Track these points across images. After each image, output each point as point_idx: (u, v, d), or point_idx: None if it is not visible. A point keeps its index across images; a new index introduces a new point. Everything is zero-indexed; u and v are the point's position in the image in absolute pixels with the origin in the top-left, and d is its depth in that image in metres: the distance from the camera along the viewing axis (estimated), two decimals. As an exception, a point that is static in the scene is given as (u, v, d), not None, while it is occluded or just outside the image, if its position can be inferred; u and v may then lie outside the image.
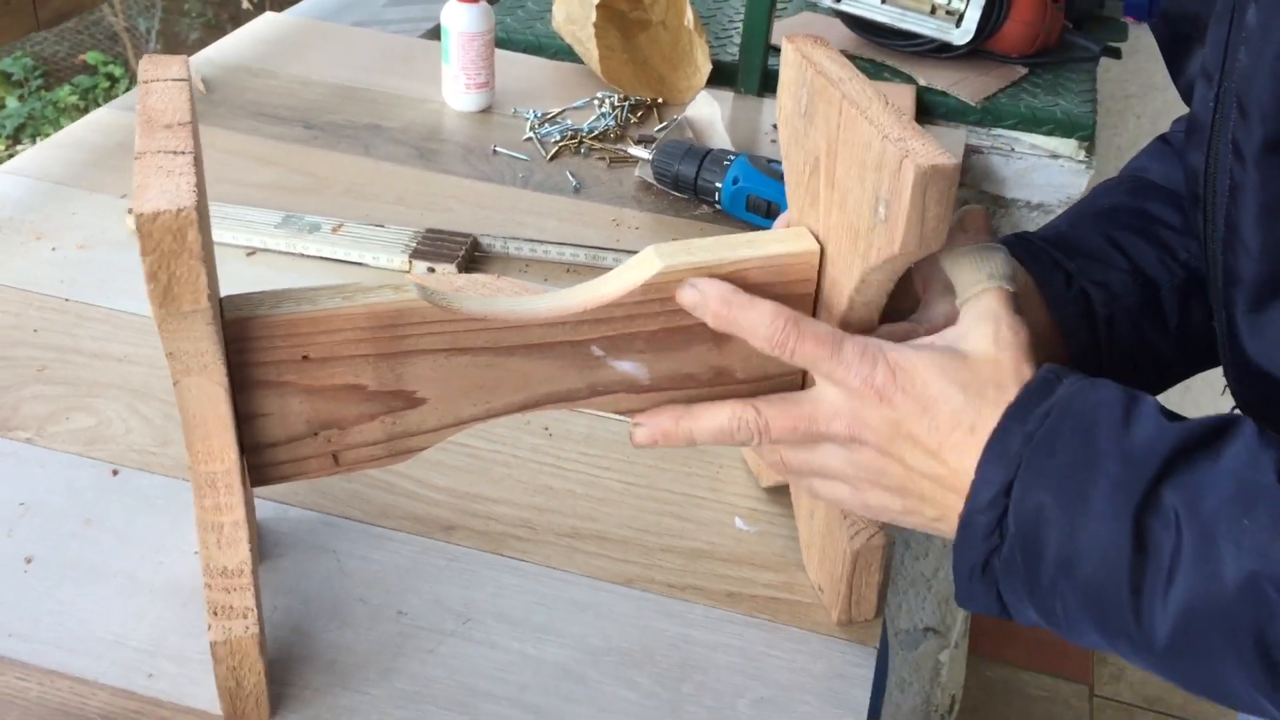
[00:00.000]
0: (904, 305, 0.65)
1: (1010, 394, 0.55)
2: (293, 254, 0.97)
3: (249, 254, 0.97)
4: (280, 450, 0.60)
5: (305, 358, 0.57)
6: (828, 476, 0.60)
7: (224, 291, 0.57)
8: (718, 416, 0.61)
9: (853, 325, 0.61)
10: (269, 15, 1.43)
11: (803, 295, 0.62)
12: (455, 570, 0.70)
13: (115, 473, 0.74)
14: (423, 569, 0.69)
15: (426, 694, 0.62)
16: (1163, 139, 0.77)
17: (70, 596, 0.66)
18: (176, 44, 4.81)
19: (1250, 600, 0.47)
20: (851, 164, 0.57)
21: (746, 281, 0.60)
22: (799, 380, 0.65)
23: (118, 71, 4.50)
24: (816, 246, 0.61)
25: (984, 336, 0.57)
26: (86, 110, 4.43)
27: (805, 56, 0.61)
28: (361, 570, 0.69)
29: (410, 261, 0.96)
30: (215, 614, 0.56)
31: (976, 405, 0.55)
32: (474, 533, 0.72)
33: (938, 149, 0.53)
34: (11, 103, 4.20)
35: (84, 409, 0.79)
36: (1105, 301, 0.68)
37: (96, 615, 0.65)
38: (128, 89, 4.48)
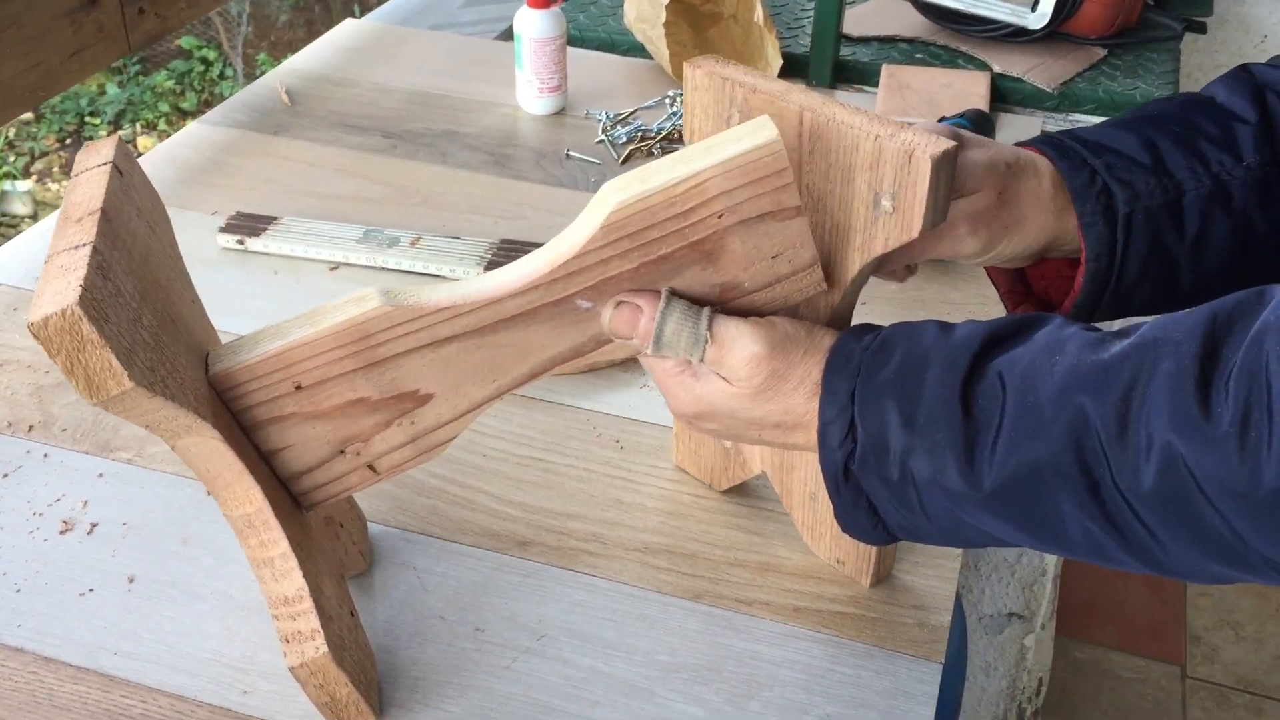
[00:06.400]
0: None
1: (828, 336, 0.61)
2: (374, 268, 1.00)
3: (332, 269, 1.00)
4: (317, 474, 0.62)
5: (298, 387, 0.59)
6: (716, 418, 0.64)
7: (308, 306, 0.60)
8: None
9: (839, 317, 0.64)
10: (350, 21, 1.46)
11: (780, 190, 0.58)
12: (529, 586, 0.72)
13: (209, 492, 0.78)
14: (498, 585, 0.72)
15: (503, 711, 0.65)
16: (1244, 67, 0.75)
17: (170, 614, 0.70)
18: (267, 25, 4.91)
19: (1065, 418, 0.51)
20: (827, 169, 0.59)
21: (709, 197, 0.57)
22: (813, 277, 0.62)
23: (212, 55, 4.61)
24: (777, 134, 0.56)
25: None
26: (183, 94, 4.56)
27: (725, 78, 0.62)
28: (441, 587, 0.72)
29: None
30: (287, 641, 0.59)
31: (803, 348, 0.60)
32: (548, 548, 0.75)
33: (931, 135, 0.56)
34: (112, 89, 4.34)
35: (179, 429, 0.83)
36: (1128, 199, 0.67)
37: (193, 633, 0.69)
38: (221, 73, 4.60)
